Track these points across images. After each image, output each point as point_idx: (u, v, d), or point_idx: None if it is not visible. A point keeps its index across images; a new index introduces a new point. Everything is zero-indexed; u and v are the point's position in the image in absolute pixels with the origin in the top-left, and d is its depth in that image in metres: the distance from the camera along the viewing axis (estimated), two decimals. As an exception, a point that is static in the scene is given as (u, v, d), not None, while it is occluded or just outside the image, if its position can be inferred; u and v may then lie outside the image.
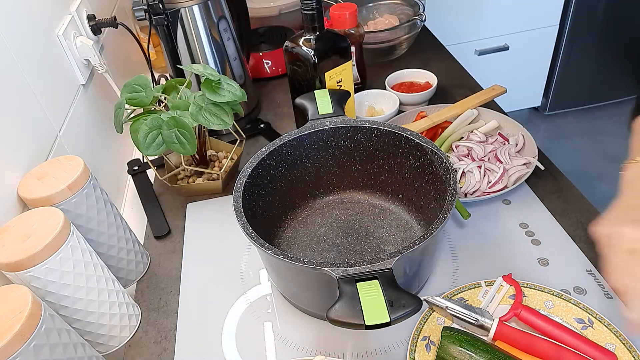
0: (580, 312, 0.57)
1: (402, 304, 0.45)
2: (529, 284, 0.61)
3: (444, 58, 1.15)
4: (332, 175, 0.76)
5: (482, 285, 0.62)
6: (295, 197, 0.75)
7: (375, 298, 0.46)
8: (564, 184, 0.76)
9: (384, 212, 0.75)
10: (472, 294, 0.61)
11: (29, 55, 0.69)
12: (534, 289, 0.61)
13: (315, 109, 0.73)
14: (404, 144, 0.68)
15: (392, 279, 0.48)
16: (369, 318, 0.45)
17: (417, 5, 1.16)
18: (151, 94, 0.74)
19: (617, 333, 0.55)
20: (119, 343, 0.64)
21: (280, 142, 0.69)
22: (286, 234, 0.74)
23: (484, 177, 0.76)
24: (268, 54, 1.12)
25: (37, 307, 0.47)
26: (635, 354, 0.53)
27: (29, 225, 0.54)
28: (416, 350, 0.56)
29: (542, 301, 0.60)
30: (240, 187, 0.63)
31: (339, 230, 0.73)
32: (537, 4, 1.96)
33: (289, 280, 0.62)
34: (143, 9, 0.84)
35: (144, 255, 0.74)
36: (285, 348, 0.61)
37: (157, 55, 1.23)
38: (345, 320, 0.46)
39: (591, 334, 0.56)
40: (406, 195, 0.73)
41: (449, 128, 0.85)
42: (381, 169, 0.73)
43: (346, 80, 0.84)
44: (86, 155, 0.74)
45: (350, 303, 0.46)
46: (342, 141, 0.72)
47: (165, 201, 0.86)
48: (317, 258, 0.69)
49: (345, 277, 0.49)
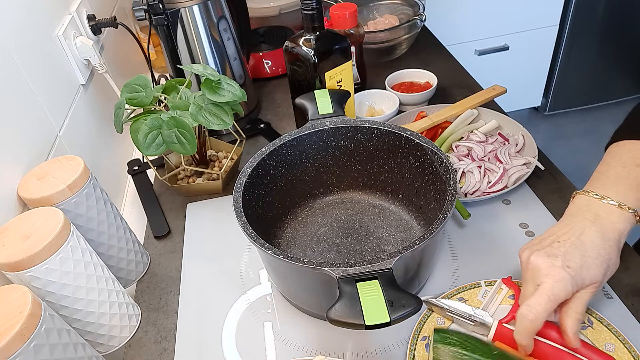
0: None
1: (402, 304, 0.45)
2: None
3: (444, 58, 1.15)
4: (332, 175, 0.76)
5: (481, 285, 0.62)
6: (295, 197, 0.75)
7: (375, 298, 0.46)
8: (564, 184, 0.76)
9: (384, 212, 0.75)
10: (471, 294, 0.61)
11: (29, 55, 0.69)
12: None
13: (315, 109, 0.73)
14: (404, 144, 0.68)
15: (392, 279, 0.48)
16: (369, 318, 0.45)
17: (417, 5, 1.16)
18: (151, 94, 0.74)
19: (617, 333, 0.55)
20: (119, 343, 0.64)
21: (280, 142, 0.69)
22: (286, 234, 0.74)
23: (484, 177, 0.76)
24: (268, 54, 1.12)
25: (37, 307, 0.47)
26: (635, 354, 0.53)
27: (29, 225, 0.54)
28: (416, 350, 0.56)
29: None
30: (240, 187, 0.63)
31: (339, 230, 0.73)
32: (537, 4, 1.96)
33: (289, 280, 0.62)
34: (143, 9, 0.84)
35: (144, 255, 0.74)
36: (285, 348, 0.61)
37: (157, 55, 1.23)
38: (345, 320, 0.46)
39: (591, 334, 0.56)
40: (406, 195, 0.73)
41: (449, 128, 0.85)
42: (381, 169, 0.73)
43: (346, 80, 0.84)
44: (86, 155, 0.74)
45: (350, 303, 0.46)
46: (342, 141, 0.72)
47: (165, 201, 0.86)
48: (317, 258, 0.69)
49: (345, 277, 0.49)
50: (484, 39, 2.05)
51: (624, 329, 0.56)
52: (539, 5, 1.97)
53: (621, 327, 0.56)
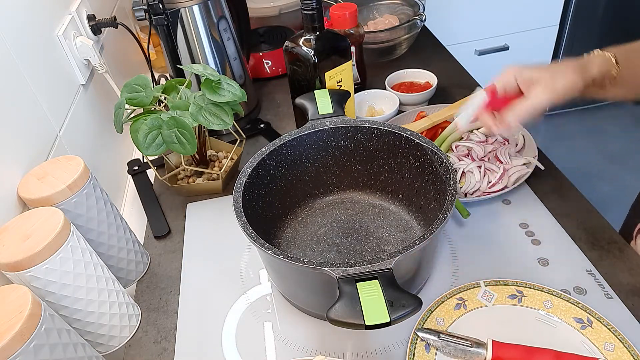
0: (579, 312, 0.58)
1: (402, 304, 0.45)
2: (528, 284, 0.61)
3: (444, 58, 1.15)
4: (332, 175, 0.76)
5: (481, 285, 0.62)
6: (295, 197, 0.75)
7: (375, 298, 0.46)
8: (564, 184, 0.76)
9: (384, 212, 0.74)
10: (470, 294, 0.61)
11: (29, 55, 0.69)
12: (533, 288, 0.61)
13: (315, 109, 0.73)
14: (404, 144, 0.68)
15: (392, 279, 0.48)
16: (369, 318, 0.45)
17: (417, 5, 1.16)
18: (151, 94, 0.74)
19: (617, 333, 0.55)
20: (119, 343, 0.64)
21: (280, 142, 0.69)
22: (286, 234, 0.74)
23: (484, 177, 0.75)
24: (268, 54, 1.12)
25: (37, 307, 0.47)
26: (634, 353, 0.53)
27: (29, 225, 0.54)
28: (415, 351, 0.56)
29: (542, 301, 0.60)
30: (241, 187, 0.63)
31: (339, 230, 0.73)
32: (537, 4, 1.96)
33: (289, 280, 0.62)
34: (143, 9, 0.84)
35: (144, 255, 0.74)
36: (285, 348, 0.61)
37: (157, 55, 1.23)
38: (346, 320, 0.46)
39: (590, 334, 0.56)
40: (406, 195, 0.73)
41: (448, 128, 0.85)
42: (381, 169, 0.73)
43: (346, 80, 0.84)
44: (86, 155, 0.74)
45: (350, 303, 0.46)
46: (342, 141, 0.72)
47: (165, 201, 0.86)
48: (317, 258, 0.69)
49: (345, 277, 0.49)
50: (484, 39, 2.05)
51: (624, 329, 0.56)
52: (539, 5, 1.96)
53: (621, 327, 0.56)
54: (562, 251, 0.67)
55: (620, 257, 0.65)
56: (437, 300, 0.61)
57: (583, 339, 0.56)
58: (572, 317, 0.58)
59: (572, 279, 0.63)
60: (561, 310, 0.58)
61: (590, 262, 0.65)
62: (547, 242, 0.68)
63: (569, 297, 0.59)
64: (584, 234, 0.68)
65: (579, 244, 0.67)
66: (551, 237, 0.69)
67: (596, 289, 0.61)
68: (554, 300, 0.59)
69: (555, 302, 0.59)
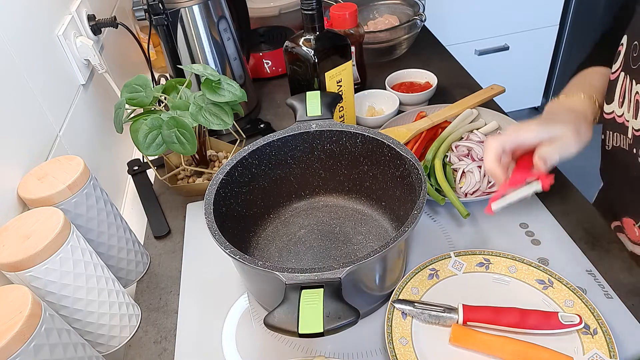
0: (541, 274, 0.62)
1: (339, 316, 0.45)
2: (494, 252, 0.65)
3: (444, 58, 1.15)
4: (318, 178, 0.76)
5: (451, 256, 0.66)
6: (279, 196, 0.75)
7: (314, 307, 0.46)
8: (564, 184, 0.76)
9: (365, 219, 0.74)
10: (442, 265, 0.65)
11: (29, 55, 0.69)
12: (498, 256, 0.65)
13: (304, 110, 0.73)
14: (386, 151, 0.67)
15: (339, 289, 0.48)
16: (303, 327, 0.44)
17: (417, 5, 1.16)
18: (151, 94, 0.74)
19: (575, 290, 0.59)
20: (119, 343, 0.64)
21: (264, 142, 0.69)
22: (267, 233, 0.74)
23: (484, 177, 0.75)
24: (268, 54, 1.12)
25: (37, 307, 0.47)
26: (591, 307, 0.57)
27: (29, 225, 0.54)
28: (393, 319, 0.59)
29: (506, 267, 0.64)
30: (216, 184, 0.63)
31: (319, 233, 0.73)
32: (537, 4, 1.96)
33: (249, 281, 0.63)
34: (143, 9, 0.84)
35: (144, 255, 0.74)
36: (285, 348, 0.61)
37: (157, 55, 1.23)
38: (280, 326, 0.45)
39: (552, 293, 0.60)
40: (388, 203, 0.72)
41: (448, 128, 0.85)
42: (366, 175, 0.73)
43: (346, 80, 0.84)
44: (86, 155, 0.74)
45: (290, 310, 0.46)
46: (328, 144, 0.72)
47: (165, 201, 0.86)
48: (292, 259, 0.69)
49: (294, 283, 0.48)
50: (484, 39, 2.05)
51: (624, 329, 0.56)
52: (539, 5, 1.97)
53: (621, 327, 0.56)
54: (562, 251, 0.67)
55: (621, 257, 0.65)
56: (411, 272, 0.64)
57: (544, 298, 0.60)
58: (534, 279, 0.62)
59: (572, 279, 0.63)
60: (524, 274, 0.63)
61: (590, 262, 0.65)
62: (547, 242, 0.68)
63: (532, 261, 0.63)
64: (584, 234, 0.68)
65: (579, 244, 0.67)
66: (551, 237, 0.69)
67: (596, 289, 0.61)
68: (518, 265, 0.64)
69: (519, 267, 0.64)
